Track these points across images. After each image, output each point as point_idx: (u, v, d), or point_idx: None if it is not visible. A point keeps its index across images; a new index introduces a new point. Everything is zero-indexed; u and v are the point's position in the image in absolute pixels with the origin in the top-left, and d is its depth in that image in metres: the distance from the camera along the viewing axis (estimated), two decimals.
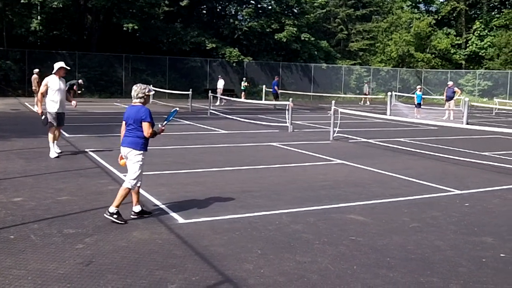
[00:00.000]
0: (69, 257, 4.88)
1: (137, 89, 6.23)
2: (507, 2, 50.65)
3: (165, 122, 6.35)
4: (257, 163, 10.48)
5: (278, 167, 10.21)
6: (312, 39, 43.97)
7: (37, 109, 10.68)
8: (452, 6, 50.33)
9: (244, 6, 42.95)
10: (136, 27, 35.13)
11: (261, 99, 32.65)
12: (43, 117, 10.55)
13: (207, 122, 19.17)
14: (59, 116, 10.63)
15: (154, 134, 6.13)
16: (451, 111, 23.96)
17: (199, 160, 10.62)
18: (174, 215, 6.40)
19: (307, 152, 12.20)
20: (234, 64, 40.65)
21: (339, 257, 5.12)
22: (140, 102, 6.20)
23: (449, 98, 24.38)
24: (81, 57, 34.29)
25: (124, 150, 6.17)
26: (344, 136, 15.38)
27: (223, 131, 16.30)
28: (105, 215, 6.01)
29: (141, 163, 6.12)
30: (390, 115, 22.94)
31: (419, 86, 28.24)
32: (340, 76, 45.59)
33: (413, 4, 54.50)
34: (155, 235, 5.61)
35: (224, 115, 22.17)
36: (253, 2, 43.10)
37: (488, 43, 47.87)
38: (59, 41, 35.44)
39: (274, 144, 13.55)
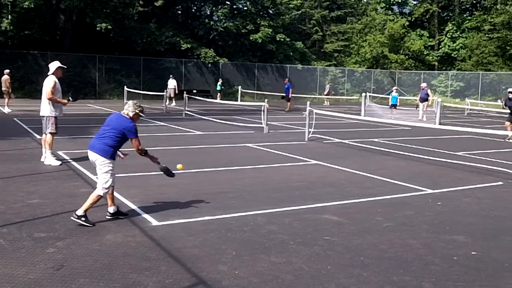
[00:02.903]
0: (40, 261, 4.79)
1: (130, 104, 6.18)
2: (478, 5, 51.56)
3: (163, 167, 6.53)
4: (232, 164, 10.46)
5: (253, 168, 10.21)
6: (288, 40, 44.11)
7: (59, 110, 10.01)
8: (425, 8, 51.04)
9: (220, 6, 42.84)
10: (109, 27, 34.75)
11: (237, 100, 32.62)
12: (70, 98, 10.05)
13: (182, 123, 19.07)
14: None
15: (145, 153, 6.23)
16: (424, 112, 24.23)
17: (173, 162, 10.52)
18: (148, 217, 6.34)
19: (282, 153, 12.22)
20: (210, 65, 40.53)
21: (313, 257, 5.13)
22: (128, 116, 6.13)
23: (423, 100, 24.64)
24: (53, 57, 33.53)
25: (92, 156, 6.08)
26: (319, 137, 15.46)
27: (198, 132, 16.23)
28: (72, 218, 5.90)
29: (112, 171, 6.04)
30: (364, 115, 23.13)
31: (395, 88, 28.41)
32: (316, 77, 45.83)
33: (387, 6, 55.06)
34: (128, 238, 5.54)
35: (200, 116, 22.08)
36: (228, 2, 43.01)
37: (460, 44, 48.67)
38: (30, 41, 34.84)
39: (250, 145, 13.54)
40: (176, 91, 31.75)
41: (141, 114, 6.22)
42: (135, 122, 6.18)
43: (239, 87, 35.46)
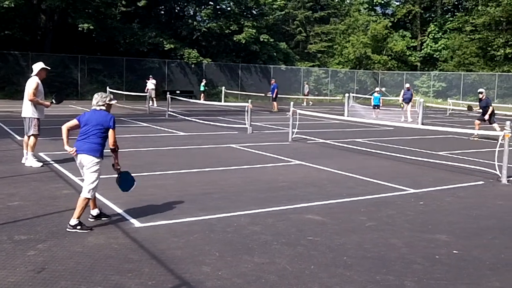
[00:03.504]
0: (20, 264, 4.73)
1: (97, 98, 6.09)
2: (460, 6, 52.17)
3: (121, 173, 6.29)
4: (216, 165, 10.43)
5: (237, 168, 10.19)
6: (271, 40, 44.15)
7: (41, 112, 9.95)
8: (408, 9, 51.53)
9: (203, 7, 42.73)
10: (92, 27, 34.46)
11: (220, 101, 32.58)
12: (53, 100, 9.82)
13: (165, 124, 18.99)
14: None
15: (116, 149, 6.05)
16: (408, 112, 24.21)
17: (157, 163, 10.49)
18: (131, 219, 6.29)
19: (266, 154, 12.23)
20: (193, 65, 40.40)
21: (296, 257, 5.14)
22: (102, 109, 6.07)
23: (409, 100, 24.53)
24: (35, 58, 33.24)
25: (80, 157, 5.87)
26: (302, 137, 15.49)
27: (182, 133, 16.17)
28: (68, 229, 5.72)
29: (99, 171, 5.91)
30: (347, 116, 23.23)
31: (377, 89, 28.33)
32: (299, 78, 45.93)
33: (370, 7, 55.47)
34: (111, 240, 5.50)
35: (183, 117, 22.01)
36: (211, 3, 42.92)
37: (442, 45, 49.17)
38: (11, 41, 34.38)
39: (234, 145, 13.52)
40: (155, 91, 31.35)
41: (112, 102, 6.16)
42: (109, 111, 6.12)
43: (223, 87, 35.39)
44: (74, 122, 6.05)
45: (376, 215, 6.86)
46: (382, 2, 55.18)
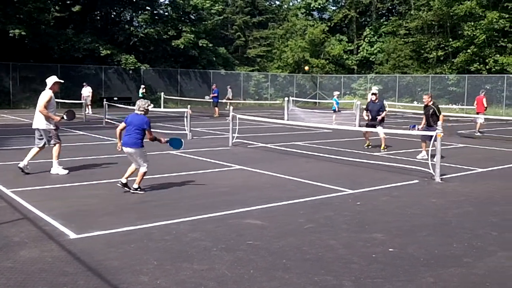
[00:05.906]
0: None
1: (139, 104, 8.32)
2: (394, 10, 53.88)
3: (169, 141, 8.70)
4: (155, 173, 10.25)
5: (177, 175, 10.09)
6: (210, 45, 44.04)
7: (53, 123, 9.94)
8: (344, 14, 52.70)
9: (140, 12, 42.13)
10: (24, 33, 33.19)
11: (160, 107, 32.18)
12: (64, 117, 9.95)
13: (102, 132, 18.54)
14: None
15: (155, 138, 8.26)
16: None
17: (95, 172, 10.24)
18: (66, 230, 6.10)
19: (206, 159, 12.17)
20: (131, 71, 39.71)
21: (236, 262, 5.13)
22: (141, 113, 8.21)
23: None
24: None
25: (127, 150, 8.13)
26: (243, 142, 15.51)
27: None
28: (131, 191, 8.09)
29: (145, 153, 8.24)
30: (287, 119, 23.47)
31: (336, 92, 27.83)
32: (239, 83, 46.04)
33: (307, 12, 56.36)
34: (44, 253, 5.31)
35: None
36: (149, 8, 42.37)
37: (378, 49, 50.55)
38: None
39: (173, 152, 13.36)
40: (91, 98, 30.56)
41: (150, 108, 8.31)
42: (147, 114, 8.27)
43: (162, 93, 34.97)
44: (123, 124, 8.21)
45: (315, 216, 6.96)
46: (319, 6, 56.21)
